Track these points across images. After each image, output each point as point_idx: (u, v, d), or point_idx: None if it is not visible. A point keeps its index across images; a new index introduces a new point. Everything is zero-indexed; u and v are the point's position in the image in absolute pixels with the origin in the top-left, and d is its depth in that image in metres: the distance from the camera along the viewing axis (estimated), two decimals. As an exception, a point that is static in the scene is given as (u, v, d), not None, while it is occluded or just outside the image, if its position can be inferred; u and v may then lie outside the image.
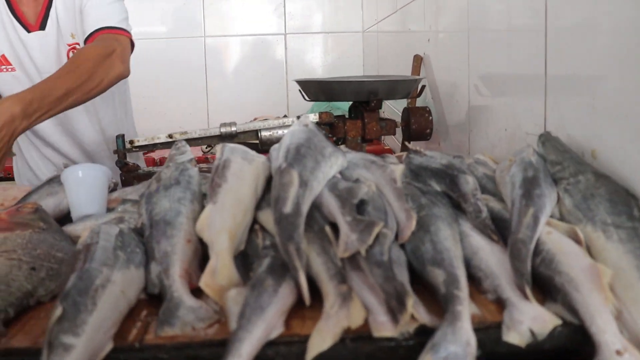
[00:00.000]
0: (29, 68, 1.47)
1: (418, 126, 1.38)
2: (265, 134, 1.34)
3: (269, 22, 3.04)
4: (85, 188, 0.91)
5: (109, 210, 0.92)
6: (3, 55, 1.47)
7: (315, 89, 1.37)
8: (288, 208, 0.62)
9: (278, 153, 0.75)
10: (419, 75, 1.69)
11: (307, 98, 1.41)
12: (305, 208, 0.64)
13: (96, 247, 0.64)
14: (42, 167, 1.63)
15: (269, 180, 0.79)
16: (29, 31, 1.45)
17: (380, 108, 1.34)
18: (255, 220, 0.72)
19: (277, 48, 3.05)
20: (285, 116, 2.69)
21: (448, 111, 1.52)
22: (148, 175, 1.36)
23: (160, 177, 0.83)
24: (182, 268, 0.64)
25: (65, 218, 0.93)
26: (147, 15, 2.99)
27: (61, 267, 0.69)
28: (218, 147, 0.80)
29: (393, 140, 2.16)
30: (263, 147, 1.36)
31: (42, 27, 1.46)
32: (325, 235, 0.63)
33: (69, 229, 0.85)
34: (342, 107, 2.26)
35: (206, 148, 2.17)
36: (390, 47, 2.43)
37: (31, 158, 1.62)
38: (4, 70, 1.47)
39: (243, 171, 0.75)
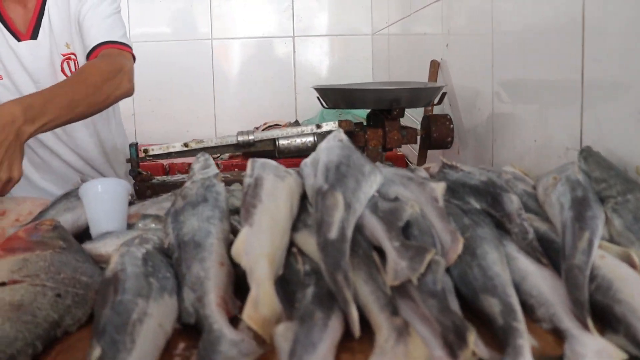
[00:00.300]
0: (19, 77, 1.41)
1: (439, 134, 1.35)
2: (283, 142, 1.31)
3: (277, 25, 3.00)
4: (105, 203, 0.88)
5: (129, 226, 0.89)
6: None
7: (334, 96, 1.34)
8: (334, 233, 0.58)
9: (315, 171, 0.71)
10: (436, 81, 1.65)
11: (325, 105, 1.38)
12: (349, 232, 0.60)
13: (126, 275, 0.60)
14: (33, 170, 1.56)
15: (301, 198, 0.75)
16: (19, 40, 1.40)
17: (402, 116, 1.31)
18: (291, 242, 0.68)
19: (285, 51, 3.01)
20: (297, 122, 2.66)
21: (468, 119, 1.48)
22: (162, 185, 1.32)
23: (186, 194, 0.79)
24: (218, 295, 0.60)
25: (83, 234, 0.89)
26: (153, 17, 2.96)
27: (87, 293, 0.65)
28: (248, 163, 0.77)
29: (406, 147, 2.13)
30: (280, 156, 1.33)
31: (34, 36, 1.40)
32: (372, 261, 0.60)
33: (89, 247, 0.81)
34: (353, 113, 2.23)
35: (215, 155, 2.12)
36: (403, 52, 2.39)
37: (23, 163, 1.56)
38: None
39: (277, 189, 0.71)
